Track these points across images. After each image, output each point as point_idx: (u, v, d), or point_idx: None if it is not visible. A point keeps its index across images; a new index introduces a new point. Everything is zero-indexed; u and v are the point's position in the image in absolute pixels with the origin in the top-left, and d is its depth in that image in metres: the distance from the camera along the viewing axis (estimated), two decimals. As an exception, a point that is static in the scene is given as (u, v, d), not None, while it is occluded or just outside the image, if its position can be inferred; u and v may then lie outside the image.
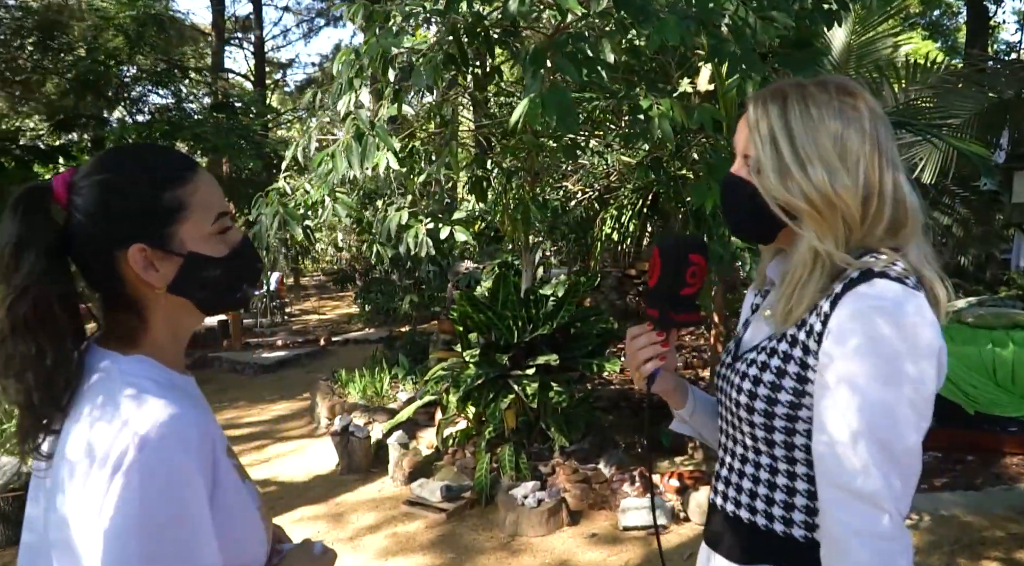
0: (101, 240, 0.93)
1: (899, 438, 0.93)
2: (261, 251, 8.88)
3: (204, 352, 9.50)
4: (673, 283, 1.13)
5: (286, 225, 3.37)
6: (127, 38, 6.48)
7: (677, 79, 4.22)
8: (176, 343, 1.02)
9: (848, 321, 0.95)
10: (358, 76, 3.19)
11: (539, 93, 2.34)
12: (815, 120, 1.02)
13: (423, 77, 2.76)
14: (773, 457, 1.08)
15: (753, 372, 1.09)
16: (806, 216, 1.02)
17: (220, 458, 0.92)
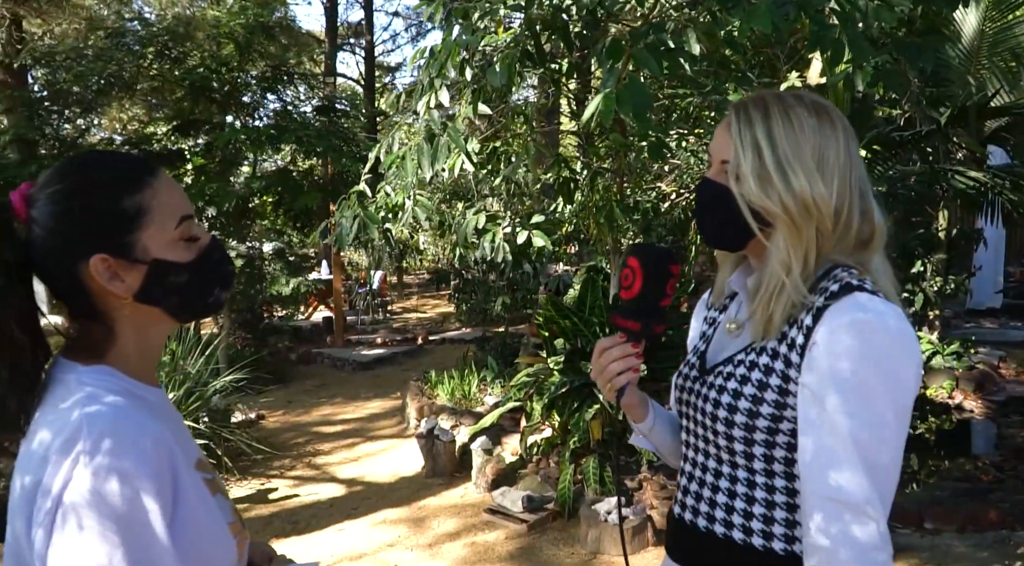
0: (62, 252, 0.90)
1: (884, 449, 0.94)
2: (346, 251, 8.98)
3: (308, 348, 9.82)
4: (655, 295, 1.10)
5: (365, 228, 3.34)
6: (237, 46, 6.77)
7: (785, 72, 3.92)
8: (145, 353, 0.98)
9: (834, 334, 0.97)
10: (439, 76, 3.11)
11: (614, 89, 2.18)
12: (796, 130, 1.04)
13: (497, 75, 2.64)
14: (751, 471, 1.08)
15: (732, 385, 1.08)
16: (781, 223, 1.04)
17: (181, 470, 0.88)
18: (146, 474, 0.82)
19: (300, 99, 8.64)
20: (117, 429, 0.83)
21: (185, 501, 0.88)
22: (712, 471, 1.14)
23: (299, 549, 4.08)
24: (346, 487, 5.06)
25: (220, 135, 6.80)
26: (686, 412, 1.20)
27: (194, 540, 0.88)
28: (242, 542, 1.00)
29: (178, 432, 0.97)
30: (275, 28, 9.99)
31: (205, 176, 7.16)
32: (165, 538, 0.83)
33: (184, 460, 0.91)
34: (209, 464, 1.03)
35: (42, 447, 0.82)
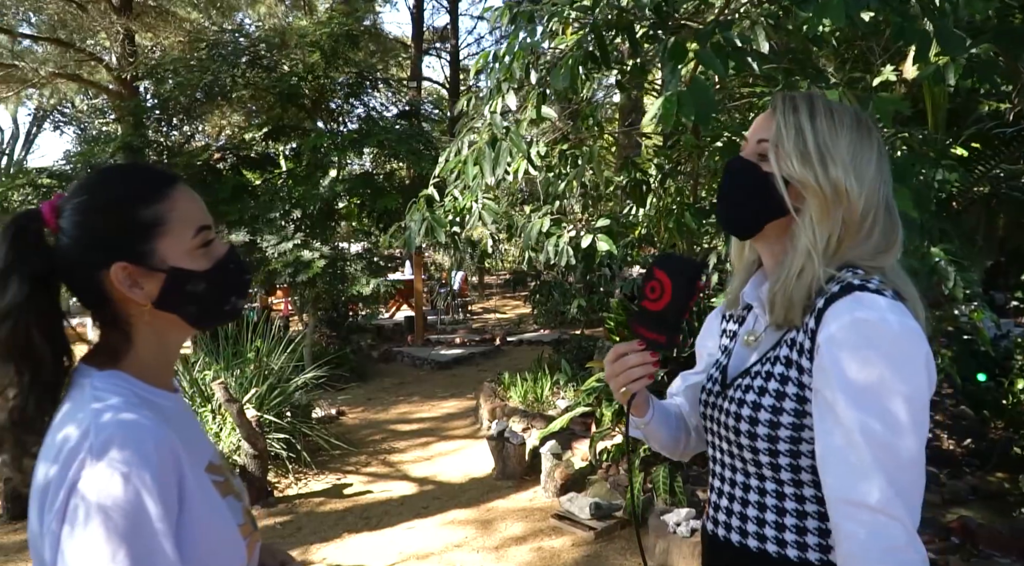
0: (85, 260, 0.94)
1: (900, 447, 0.93)
2: (429, 252, 9.04)
3: (389, 346, 10.04)
4: (681, 308, 1.09)
5: (432, 231, 3.37)
6: (323, 54, 7.00)
7: (880, 65, 3.73)
8: (162, 358, 1.02)
9: (835, 335, 0.97)
10: (507, 80, 3.11)
11: (676, 91, 2.12)
12: (837, 126, 1.07)
13: (560, 78, 2.62)
14: (779, 482, 1.08)
15: (751, 397, 1.08)
16: (814, 200, 1.05)
17: (187, 473, 0.91)
18: (149, 476, 0.84)
19: (382, 104, 8.83)
20: (122, 432, 0.86)
21: (191, 503, 0.90)
22: (741, 485, 1.14)
23: (369, 545, 4.17)
24: (418, 486, 5.13)
25: (307, 140, 7.04)
26: (711, 428, 1.20)
27: (200, 541, 0.91)
28: (252, 544, 1.02)
29: (190, 436, 0.99)
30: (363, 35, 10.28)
31: (293, 179, 7.42)
32: (167, 538, 0.85)
33: (192, 463, 0.93)
34: (225, 467, 1.06)
35: (56, 445, 0.86)
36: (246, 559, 0.99)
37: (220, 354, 5.68)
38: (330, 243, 7.11)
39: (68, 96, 18.90)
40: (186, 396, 5.21)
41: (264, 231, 6.92)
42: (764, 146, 1.09)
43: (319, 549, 4.13)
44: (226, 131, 9.20)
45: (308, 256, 6.83)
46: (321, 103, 7.74)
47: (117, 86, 13.46)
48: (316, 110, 7.82)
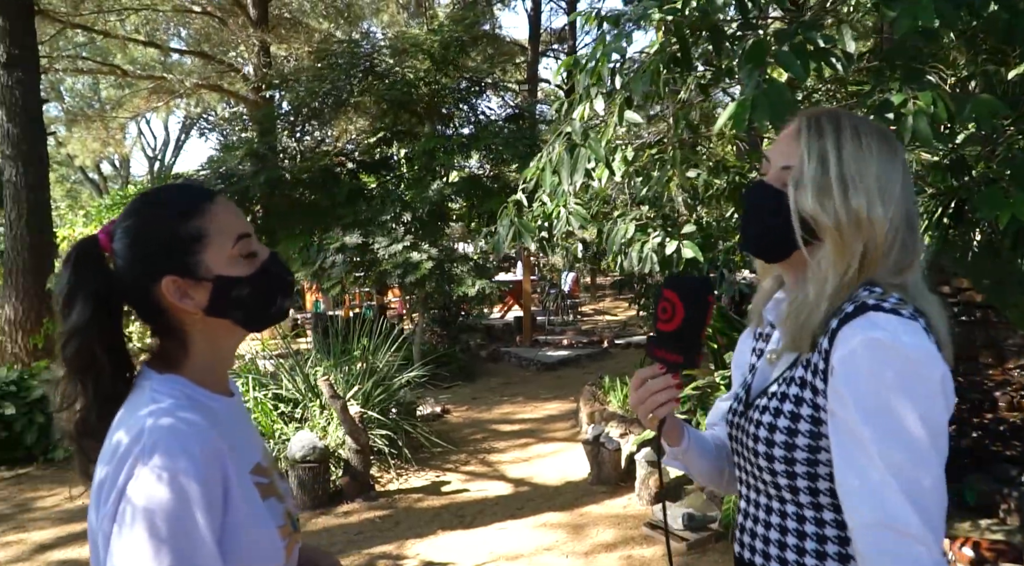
0: (137, 278, 1.02)
1: (920, 469, 0.91)
2: (544, 254, 8.98)
3: (497, 346, 10.19)
4: (697, 326, 1.09)
5: (520, 236, 3.40)
6: (433, 61, 7.20)
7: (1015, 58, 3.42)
8: (216, 363, 1.08)
9: (849, 357, 0.95)
10: (596, 84, 3.09)
11: (751, 95, 2.03)
12: (864, 149, 1.03)
13: (640, 82, 2.57)
14: (799, 504, 1.06)
15: (767, 419, 1.07)
16: (830, 238, 1.03)
17: (232, 476, 0.97)
18: (194, 477, 0.91)
19: (490, 108, 8.97)
20: (170, 438, 0.92)
21: (234, 505, 0.96)
22: (763, 507, 1.12)
23: (461, 543, 4.26)
24: (514, 486, 5.18)
25: (418, 144, 7.26)
26: (735, 448, 1.19)
27: (241, 542, 0.97)
28: (291, 545, 1.07)
29: (240, 439, 1.06)
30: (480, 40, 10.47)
31: (405, 183, 7.68)
32: (209, 537, 0.91)
33: (238, 466, 1.00)
34: (272, 468, 1.11)
35: (111, 448, 0.94)
36: (284, 560, 1.04)
37: (331, 352, 5.97)
38: (438, 245, 7.30)
39: (211, 105, 20.46)
40: (298, 392, 5.51)
41: (376, 233, 7.20)
42: (786, 175, 1.07)
43: (413, 544, 4.26)
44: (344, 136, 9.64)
45: (417, 257, 7.05)
46: (433, 108, 7.96)
47: (253, 95, 14.42)
48: (428, 115, 8.05)
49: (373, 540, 4.34)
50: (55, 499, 5.26)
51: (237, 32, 15.52)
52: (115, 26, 16.01)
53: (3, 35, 8.50)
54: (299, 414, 5.39)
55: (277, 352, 6.25)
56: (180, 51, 18.19)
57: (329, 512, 4.77)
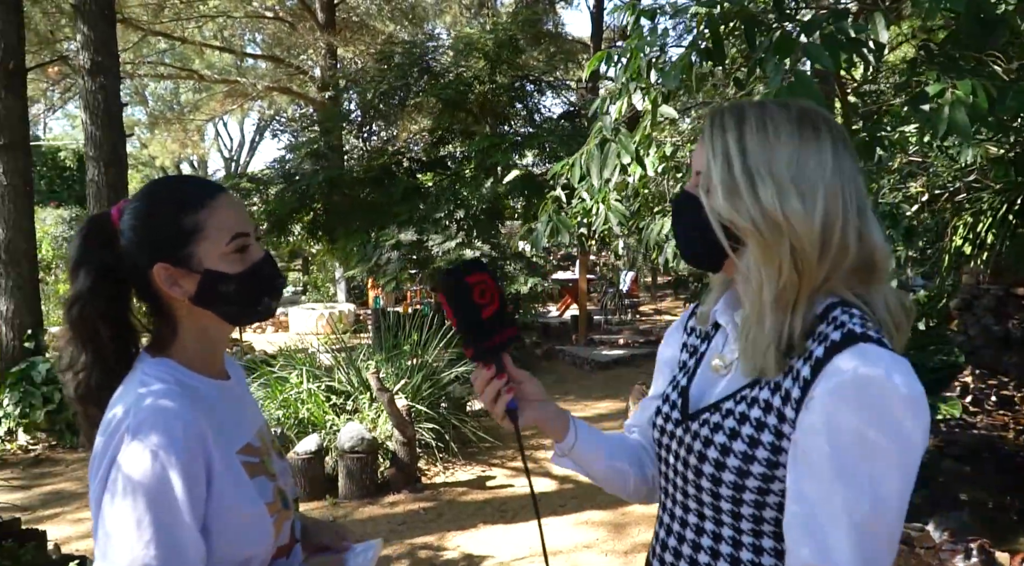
0: (136, 259, 1.08)
1: (882, 525, 0.85)
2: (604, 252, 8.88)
3: (553, 345, 10.18)
4: (468, 313, 1.04)
5: (557, 232, 3.41)
6: (487, 60, 7.27)
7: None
8: (206, 348, 1.13)
9: (834, 390, 0.87)
10: (635, 79, 3.07)
11: (776, 88, 1.99)
12: (771, 139, 0.94)
13: (671, 77, 2.54)
14: (737, 530, 0.99)
15: (720, 439, 0.98)
16: (752, 240, 0.94)
17: (214, 454, 1.02)
18: (174, 453, 0.97)
19: (545, 106, 8.97)
20: (155, 416, 0.99)
21: (217, 481, 1.02)
22: (693, 527, 1.04)
23: (502, 537, 4.29)
24: (558, 483, 5.19)
25: (471, 143, 7.33)
26: (664, 457, 1.10)
27: (226, 516, 1.02)
28: (280, 521, 1.11)
29: (230, 420, 1.11)
30: (543, 38, 10.49)
31: (460, 181, 7.77)
32: (188, 510, 0.97)
33: (223, 445, 1.05)
34: (265, 448, 1.17)
35: (107, 421, 1.02)
36: (272, 534, 1.08)
37: (383, 346, 6.10)
38: (490, 242, 7.36)
39: (283, 107, 21.12)
40: (350, 385, 5.65)
41: (430, 230, 7.32)
42: (699, 179, 1.00)
43: (454, 536, 4.32)
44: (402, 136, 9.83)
45: (469, 254, 7.12)
46: (488, 107, 8.04)
47: (320, 96, 14.83)
48: (484, 114, 8.13)
49: (415, 530, 4.42)
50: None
51: (305, 35, 15.99)
52: (193, 33, 16.71)
53: (87, 43, 8.98)
54: (350, 406, 5.53)
55: (337, 346, 6.41)
56: (253, 55, 18.84)
57: (376, 502, 4.88)
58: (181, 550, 0.96)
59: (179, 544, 0.96)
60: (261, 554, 1.08)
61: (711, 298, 1.13)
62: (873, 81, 4.24)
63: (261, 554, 1.08)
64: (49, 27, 12.65)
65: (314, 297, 16.48)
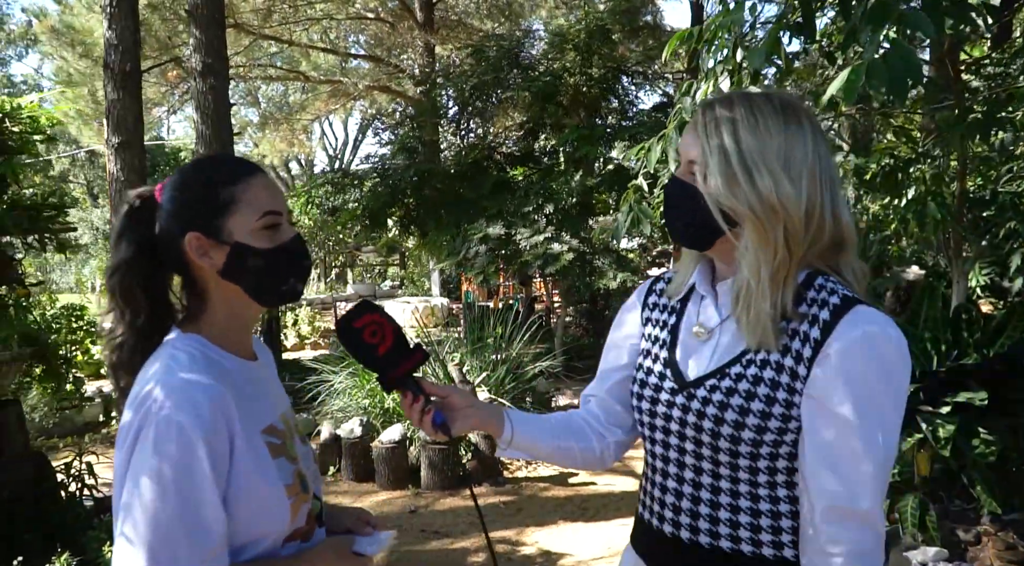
0: (171, 228, 1.10)
1: (889, 456, 1.00)
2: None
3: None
4: (365, 354, 1.17)
5: (638, 223, 3.29)
6: (577, 51, 7.15)
7: None
8: (234, 324, 1.14)
9: (847, 347, 1.00)
10: (726, 61, 2.92)
11: (867, 60, 1.82)
12: (762, 130, 1.04)
13: (757, 56, 2.38)
14: (754, 483, 1.10)
15: (736, 401, 1.07)
16: (748, 223, 1.04)
17: (238, 431, 1.02)
18: (198, 427, 0.97)
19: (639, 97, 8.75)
20: (183, 387, 1.00)
21: (240, 458, 1.03)
22: (708, 487, 1.13)
23: (581, 535, 4.21)
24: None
25: (560, 137, 7.25)
26: (662, 425, 1.18)
27: (244, 492, 1.03)
28: (298, 504, 1.10)
29: (254, 399, 1.11)
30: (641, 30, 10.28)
31: (549, 174, 7.70)
32: (212, 483, 0.98)
33: (247, 423, 1.05)
34: (288, 431, 1.16)
35: (135, 392, 1.03)
36: (289, 517, 1.08)
37: (468, 339, 6.12)
38: (579, 236, 7.26)
39: (383, 106, 21.68)
40: (434, 377, 5.69)
41: (518, 224, 7.29)
42: (694, 167, 1.09)
43: (533, 532, 4.27)
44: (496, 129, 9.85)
45: (557, 249, 7.05)
46: (579, 99, 7.92)
47: (417, 94, 15.12)
48: (574, 106, 8.02)
49: (494, 524, 4.40)
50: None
51: (405, 35, 16.33)
52: (299, 35, 17.38)
53: (198, 46, 9.47)
54: (435, 398, 5.57)
55: (426, 339, 6.49)
56: (355, 56, 19.42)
57: (456, 493, 4.90)
58: (205, 526, 0.97)
59: (203, 520, 0.96)
60: (274, 534, 1.07)
61: (683, 273, 1.23)
62: (999, 61, 3.86)
63: (274, 534, 1.07)
64: (167, 32, 13.46)
65: (409, 291, 16.84)
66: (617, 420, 1.31)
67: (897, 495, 3.78)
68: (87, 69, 15.06)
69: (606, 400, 1.32)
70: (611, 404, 1.32)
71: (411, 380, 1.19)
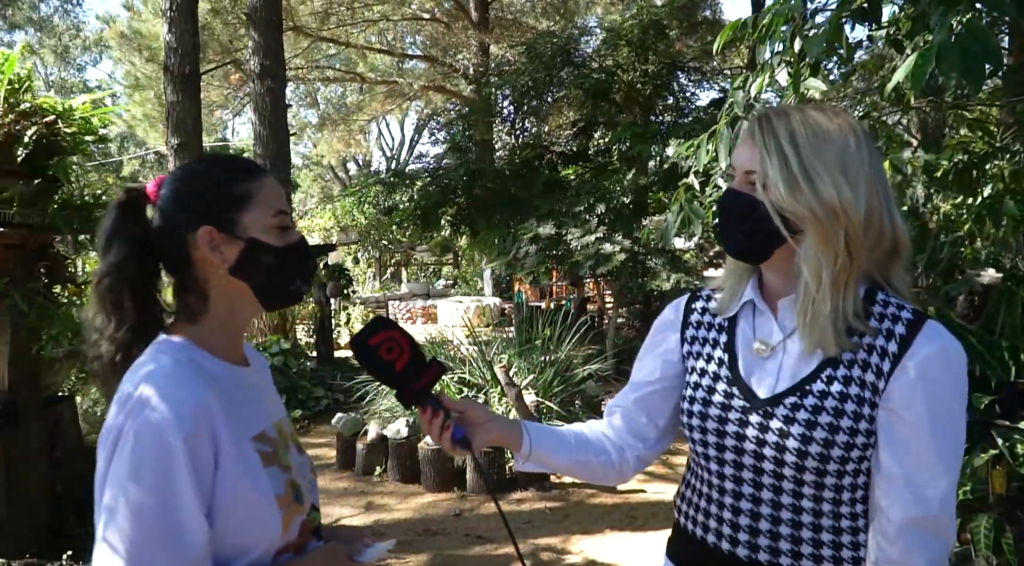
0: (178, 222, 1.06)
1: (958, 468, 1.05)
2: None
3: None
4: (382, 371, 1.15)
5: (689, 223, 3.14)
6: (631, 47, 6.98)
7: None
8: (230, 329, 1.11)
9: (926, 362, 1.03)
10: (784, 52, 2.75)
11: (936, 44, 1.66)
12: (819, 138, 1.07)
13: (816, 44, 2.22)
14: (818, 499, 1.11)
15: (824, 419, 1.08)
16: (811, 228, 1.06)
17: (224, 438, 0.99)
18: (179, 432, 0.94)
19: (693, 93, 8.52)
20: (164, 391, 0.96)
21: (227, 465, 0.99)
22: (769, 503, 1.14)
23: (629, 545, 4.08)
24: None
25: (613, 134, 7.10)
26: (732, 445, 1.17)
27: (231, 501, 0.98)
28: (290, 515, 1.05)
29: (245, 406, 1.07)
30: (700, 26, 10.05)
31: (601, 173, 7.56)
32: (192, 491, 0.94)
33: (235, 430, 1.01)
34: (281, 439, 1.12)
35: (118, 395, 0.99)
36: (280, 529, 1.03)
37: (516, 341, 6.03)
38: (631, 236, 7.09)
39: (439, 106, 21.83)
40: (481, 378, 5.63)
41: (569, 224, 7.17)
42: (752, 177, 1.10)
43: (579, 540, 4.16)
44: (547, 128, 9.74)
45: (608, 249, 6.90)
46: (632, 96, 7.75)
47: (472, 94, 15.13)
48: (628, 104, 7.85)
49: (540, 530, 4.30)
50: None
51: (459, 35, 16.37)
52: (356, 37, 17.60)
53: (256, 49, 9.66)
54: (481, 399, 5.50)
55: (474, 339, 6.43)
56: (411, 56, 19.57)
57: (502, 498, 4.81)
58: (183, 532, 0.93)
59: (181, 526, 0.93)
60: (265, 545, 1.02)
61: (732, 289, 1.23)
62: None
63: (265, 545, 1.02)
64: (228, 36, 13.79)
65: (463, 290, 16.88)
66: (641, 433, 1.32)
67: (970, 514, 3.53)
68: (153, 73, 15.55)
69: (632, 412, 1.33)
70: (637, 416, 1.32)
71: (430, 395, 1.18)
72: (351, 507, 4.72)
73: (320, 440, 6.33)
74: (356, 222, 15.27)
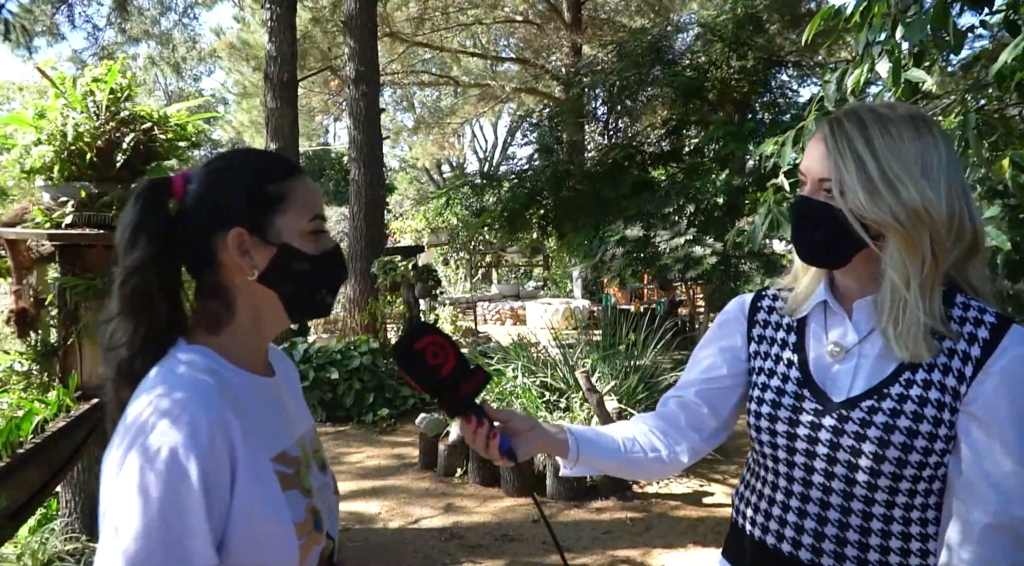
0: (206, 222, 0.98)
1: None
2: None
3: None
4: (428, 377, 1.11)
5: (778, 226, 2.96)
6: (724, 42, 6.72)
7: None
8: (254, 338, 1.03)
9: (1010, 366, 1.02)
10: (885, 42, 2.55)
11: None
12: (896, 140, 1.04)
13: (915, 30, 2.03)
14: (890, 505, 1.09)
15: (904, 423, 1.06)
16: (894, 234, 1.04)
17: (240, 455, 0.91)
18: (192, 448, 0.86)
19: (793, 90, 8.12)
20: (178, 406, 0.88)
21: (243, 486, 0.90)
22: (838, 508, 1.11)
23: (713, 562, 3.90)
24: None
25: (706, 133, 6.87)
26: (803, 448, 1.15)
27: (245, 526, 0.90)
28: (308, 546, 0.97)
29: (264, 421, 0.99)
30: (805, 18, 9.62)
31: (692, 174, 7.33)
32: (203, 516, 0.86)
33: (254, 447, 0.93)
34: (302, 458, 1.03)
35: (129, 407, 0.92)
36: (297, 561, 0.95)
37: (599, 345, 5.91)
38: (723, 239, 6.83)
39: (531, 108, 21.85)
40: (563, 382, 5.54)
41: (658, 226, 6.98)
42: (827, 185, 1.07)
43: (660, 554, 4.02)
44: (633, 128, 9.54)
45: (699, 252, 6.68)
46: (726, 94, 7.47)
47: (563, 95, 15.06)
48: (722, 102, 7.58)
49: (619, 541, 4.19)
50: (359, 456, 5.99)
51: (552, 36, 16.33)
52: (451, 41, 17.87)
53: (352, 55, 9.93)
54: (563, 404, 5.42)
55: (559, 342, 6.36)
56: (503, 59, 19.69)
57: (582, 506, 4.72)
58: (189, 558, 0.85)
59: (187, 554, 0.85)
60: None
61: (805, 289, 1.20)
62: None
63: None
64: (327, 44, 14.26)
65: (552, 292, 16.81)
66: (697, 424, 1.30)
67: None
68: (258, 81, 16.29)
69: (692, 402, 1.31)
70: (697, 407, 1.30)
71: (475, 404, 1.15)
72: (431, 508, 4.74)
73: (405, 439, 6.42)
74: (447, 223, 15.48)
